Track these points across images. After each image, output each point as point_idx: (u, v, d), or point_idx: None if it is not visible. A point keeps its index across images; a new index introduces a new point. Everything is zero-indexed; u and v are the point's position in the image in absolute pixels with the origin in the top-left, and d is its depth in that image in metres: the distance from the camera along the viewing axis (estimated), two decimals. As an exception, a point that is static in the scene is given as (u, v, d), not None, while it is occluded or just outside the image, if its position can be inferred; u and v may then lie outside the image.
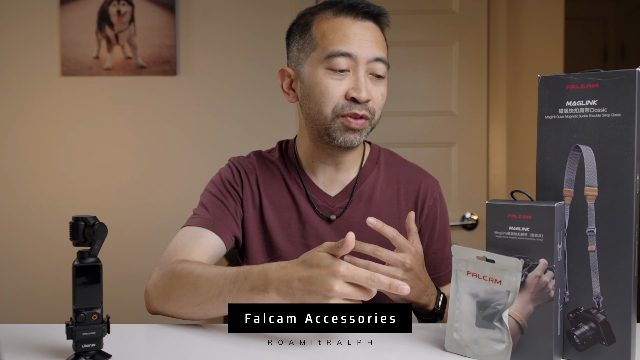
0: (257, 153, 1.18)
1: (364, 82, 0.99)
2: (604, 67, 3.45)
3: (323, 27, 1.02)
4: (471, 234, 2.28)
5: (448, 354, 0.80)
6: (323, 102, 1.01)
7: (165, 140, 2.31)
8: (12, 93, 2.29)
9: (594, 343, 0.73)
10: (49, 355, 0.80)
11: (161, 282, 0.95)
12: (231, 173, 1.13)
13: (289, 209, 1.11)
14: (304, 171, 1.13)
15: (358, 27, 1.01)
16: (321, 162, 1.10)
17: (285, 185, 1.12)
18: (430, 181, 1.16)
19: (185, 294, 0.91)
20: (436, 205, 1.14)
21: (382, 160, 1.16)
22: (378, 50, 1.01)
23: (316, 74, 1.01)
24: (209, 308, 0.90)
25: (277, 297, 0.83)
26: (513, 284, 0.73)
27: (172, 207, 2.31)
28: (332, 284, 0.76)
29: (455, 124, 2.27)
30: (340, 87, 1.00)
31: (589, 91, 0.73)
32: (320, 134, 1.04)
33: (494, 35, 2.30)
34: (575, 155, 0.74)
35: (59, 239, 2.28)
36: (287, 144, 1.17)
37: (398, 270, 0.90)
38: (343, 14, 1.02)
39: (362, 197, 1.11)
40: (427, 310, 0.98)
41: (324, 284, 0.77)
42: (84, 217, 0.76)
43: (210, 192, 1.12)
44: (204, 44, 2.29)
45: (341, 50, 0.99)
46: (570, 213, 0.75)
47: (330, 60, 0.99)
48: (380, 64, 1.01)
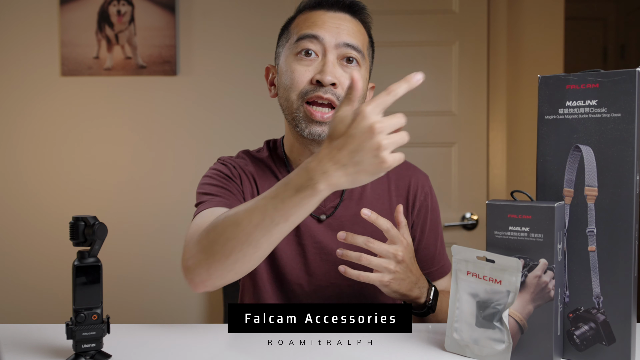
0: (246, 152, 1.16)
1: (331, 66, 0.99)
2: (604, 67, 3.45)
3: (298, 21, 1.05)
4: (471, 234, 2.28)
5: (448, 354, 0.80)
6: (290, 87, 1.01)
7: (165, 140, 2.31)
8: (12, 93, 2.29)
9: (594, 343, 0.73)
10: (49, 355, 0.80)
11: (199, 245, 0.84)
12: (227, 168, 1.09)
13: None
14: (293, 170, 1.12)
15: (329, 17, 1.02)
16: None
17: (277, 181, 1.10)
18: (420, 176, 1.16)
19: (229, 237, 0.79)
20: (427, 199, 1.14)
21: None
22: (348, 37, 1.01)
23: (287, 61, 1.03)
24: (259, 238, 0.78)
25: (327, 180, 0.72)
26: (513, 284, 0.73)
27: (173, 207, 2.31)
28: (373, 128, 0.70)
29: (455, 124, 2.27)
30: (307, 73, 1.00)
31: (589, 91, 0.73)
32: (292, 124, 1.03)
33: (494, 35, 2.30)
34: (575, 155, 0.74)
35: (59, 239, 2.28)
36: (275, 142, 1.16)
37: (390, 262, 0.90)
38: (317, 7, 1.04)
39: (353, 195, 1.10)
40: (419, 303, 0.98)
41: (363, 130, 0.70)
42: (84, 217, 0.76)
43: (211, 183, 1.04)
44: (204, 44, 2.29)
45: (308, 32, 1.00)
46: (570, 213, 0.75)
47: (298, 45, 1.01)
48: (352, 51, 1.01)
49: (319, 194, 0.74)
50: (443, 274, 1.14)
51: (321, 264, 1.07)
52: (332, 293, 1.08)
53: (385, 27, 2.26)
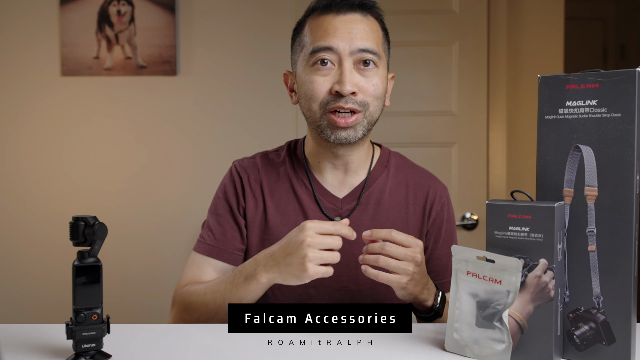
0: (264, 155, 1.17)
1: (348, 75, 0.99)
2: (604, 67, 3.45)
3: (310, 27, 1.05)
4: (471, 234, 2.28)
5: (448, 354, 0.80)
6: (311, 98, 1.02)
7: (165, 140, 2.31)
8: (12, 93, 2.29)
9: (594, 343, 0.73)
10: (49, 355, 0.80)
11: (179, 307, 1.07)
12: (232, 182, 1.13)
13: (295, 212, 1.10)
14: (312, 172, 1.13)
15: (340, 21, 1.01)
16: (328, 163, 1.10)
17: (291, 187, 1.12)
18: (439, 186, 1.16)
19: (200, 314, 1.02)
20: (443, 210, 1.15)
21: (392, 163, 1.16)
22: (362, 41, 1.00)
23: (304, 72, 1.03)
24: (222, 314, 0.98)
25: (266, 274, 0.91)
26: (513, 284, 0.73)
27: (172, 207, 2.31)
28: (304, 241, 0.86)
29: (455, 124, 2.27)
30: (326, 83, 1.01)
31: (589, 91, 0.73)
32: (317, 131, 1.05)
33: (494, 35, 2.30)
34: (575, 155, 0.74)
35: (59, 239, 2.28)
36: (296, 144, 1.17)
37: (409, 264, 0.90)
38: (326, 10, 1.03)
39: (370, 200, 1.11)
40: (426, 307, 0.98)
41: (297, 240, 0.87)
42: (84, 217, 0.76)
43: (214, 210, 1.14)
44: (204, 44, 2.29)
45: (321, 45, 1.00)
46: (570, 213, 0.75)
47: (313, 57, 1.01)
48: (367, 54, 1.01)
49: (262, 284, 0.92)
50: None
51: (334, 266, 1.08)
52: (344, 296, 1.08)
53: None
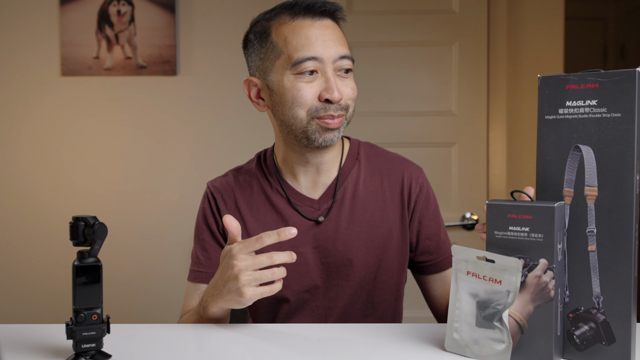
0: (236, 170, 1.17)
1: (334, 82, 1.00)
2: (604, 67, 3.45)
3: (283, 32, 1.02)
4: (471, 234, 2.28)
5: (448, 354, 0.80)
6: (297, 106, 1.01)
7: (165, 140, 2.31)
8: (12, 93, 2.29)
9: (594, 343, 0.73)
10: (49, 355, 0.80)
11: None
12: (209, 206, 1.14)
13: (275, 221, 1.10)
14: (284, 179, 1.12)
15: (318, 27, 1.01)
16: (301, 167, 1.09)
17: (266, 198, 1.11)
18: (413, 169, 1.15)
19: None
20: (422, 191, 1.13)
21: (362, 154, 1.15)
22: (341, 48, 1.02)
23: (285, 80, 1.01)
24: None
25: (214, 303, 0.92)
26: (513, 284, 0.73)
27: (172, 207, 2.31)
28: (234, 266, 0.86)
29: (455, 124, 2.27)
30: (312, 90, 1.00)
31: (589, 91, 0.73)
32: (298, 137, 1.04)
33: (494, 35, 2.30)
34: (575, 155, 0.74)
35: (59, 239, 2.28)
36: (266, 153, 1.17)
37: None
38: (301, 15, 1.02)
39: (345, 195, 1.10)
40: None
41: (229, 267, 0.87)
42: (84, 217, 0.76)
43: (198, 236, 1.15)
44: (204, 44, 2.29)
45: (306, 55, 0.99)
46: (570, 213, 0.75)
47: (297, 67, 1.00)
48: (345, 60, 1.02)
49: (215, 313, 0.94)
50: (451, 264, 1.13)
51: (334, 266, 1.09)
52: (335, 294, 1.09)
53: (385, 27, 2.27)
